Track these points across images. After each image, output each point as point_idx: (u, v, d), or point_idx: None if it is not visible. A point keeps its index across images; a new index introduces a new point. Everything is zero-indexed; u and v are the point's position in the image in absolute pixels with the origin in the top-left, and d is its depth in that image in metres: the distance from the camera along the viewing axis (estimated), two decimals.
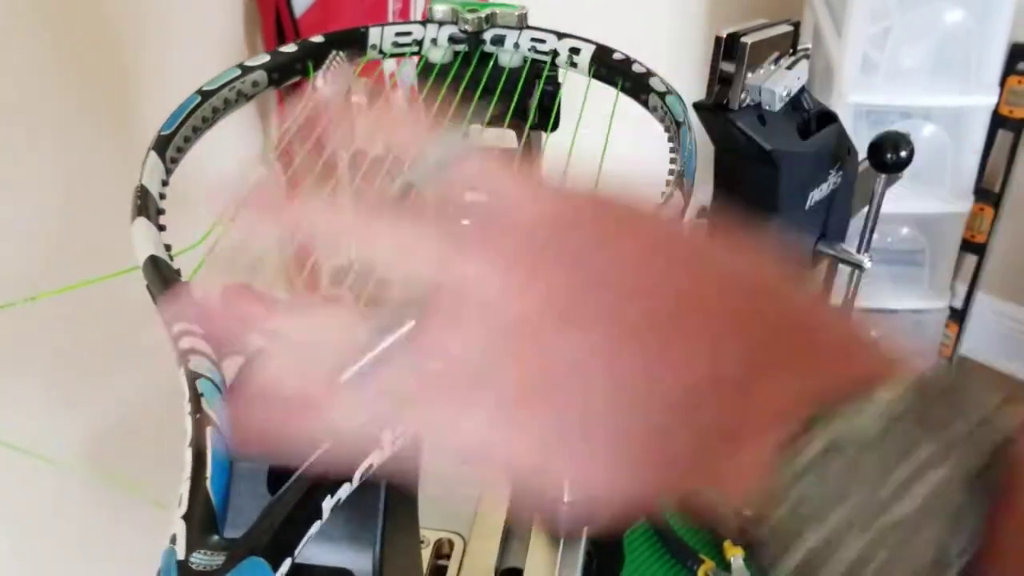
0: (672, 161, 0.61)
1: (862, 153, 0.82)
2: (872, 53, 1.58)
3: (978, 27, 1.54)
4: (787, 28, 0.74)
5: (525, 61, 0.68)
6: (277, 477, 0.38)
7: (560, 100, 0.68)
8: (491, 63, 0.67)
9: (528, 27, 0.69)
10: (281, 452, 0.30)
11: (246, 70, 0.56)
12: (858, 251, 0.82)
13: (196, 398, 0.35)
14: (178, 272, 0.43)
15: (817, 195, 0.77)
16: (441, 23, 0.67)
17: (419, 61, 0.67)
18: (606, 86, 0.68)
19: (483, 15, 0.67)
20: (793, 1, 1.79)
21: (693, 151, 0.61)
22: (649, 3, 1.67)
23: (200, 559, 0.30)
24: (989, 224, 1.87)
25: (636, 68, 0.68)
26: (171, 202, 0.53)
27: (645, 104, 0.67)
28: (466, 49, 0.68)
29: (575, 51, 0.70)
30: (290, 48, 0.59)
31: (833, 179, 0.78)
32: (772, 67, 0.73)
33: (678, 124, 0.64)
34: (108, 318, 1.19)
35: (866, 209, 0.86)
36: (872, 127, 1.59)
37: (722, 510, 0.26)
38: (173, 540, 0.31)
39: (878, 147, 0.80)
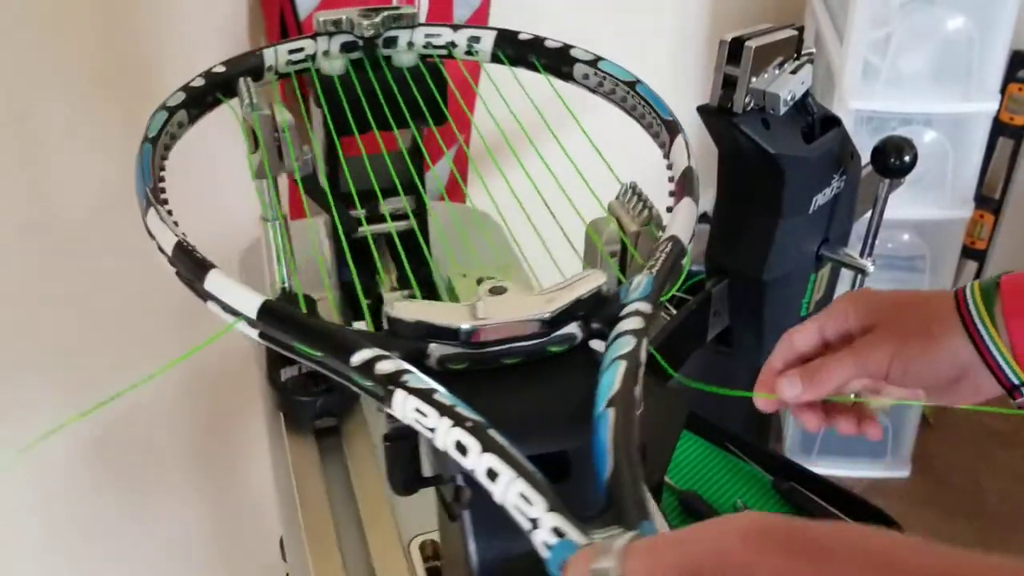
0: (659, 141, 0.60)
1: (865, 158, 0.83)
2: (873, 59, 1.59)
3: (979, 34, 1.55)
4: (791, 32, 0.75)
5: (421, 59, 0.67)
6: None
7: (445, 92, 0.66)
8: (387, 66, 0.66)
9: (421, 24, 0.68)
10: None
11: (171, 111, 0.56)
12: (861, 255, 0.83)
13: None
14: None
15: (820, 199, 0.77)
16: (332, 34, 0.65)
17: (311, 76, 0.65)
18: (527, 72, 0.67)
19: (378, 19, 0.65)
20: (795, 6, 1.79)
21: (659, 101, 0.61)
22: (653, 8, 1.67)
23: (600, 535, 0.33)
24: (989, 231, 1.88)
25: (550, 44, 0.67)
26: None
27: (570, 77, 0.66)
28: (361, 56, 0.66)
29: (475, 39, 0.69)
30: (198, 82, 0.59)
31: (836, 183, 0.78)
32: (776, 71, 0.73)
33: (630, 84, 0.63)
34: (109, 319, 1.19)
35: (869, 214, 0.86)
36: (873, 133, 1.59)
37: None
38: (558, 534, 0.33)
39: (881, 151, 0.80)
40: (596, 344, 0.44)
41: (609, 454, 0.36)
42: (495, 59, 0.68)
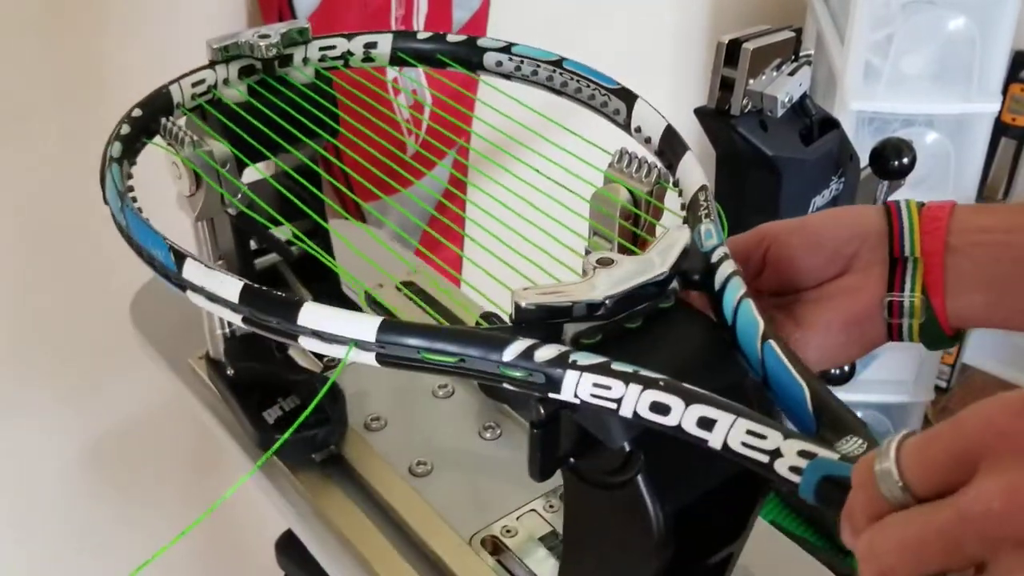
0: (610, 110, 0.60)
1: (864, 160, 0.82)
2: (875, 60, 1.58)
3: (980, 35, 1.54)
4: (789, 34, 0.74)
5: (317, 73, 0.67)
6: None
7: (335, 104, 0.66)
8: (289, 84, 0.65)
9: (314, 38, 0.67)
10: None
11: (119, 161, 0.55)
12: None
13: None
14: None
15: (819, 201, 0.76)
16: (229, 60, 0.64)
17: (214, 106, 0.64)
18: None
19: (275, 39, 0.64)
20: (796, 8, 1.79)
21: (596, 72, 0.61)
22: (652, 10, 1.67)
23: (848, 447, 0.34)
24: None
25: (451, 38, 0.67)
26: None
27: (481, 67, 0.66)
28: (260, 78, 0.65)
29: (371, 45, 0.68)
30: (126, 129, 0.57)
31: (835, 185, 0.78)
32: (774, 73, 0.73)
33: (554, 63, 0.63)
34: (110, 319, 1.19)
35: None
36: (875, 134, 1.58)
37: None
38: (808, 456, 0.34)
39: (880, 153, 0.80)
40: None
41: (799, 378, 0.39)
42: (396, 61, 0.68)
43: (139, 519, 1.29)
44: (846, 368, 1.70)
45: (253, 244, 0.68)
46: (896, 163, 0.79)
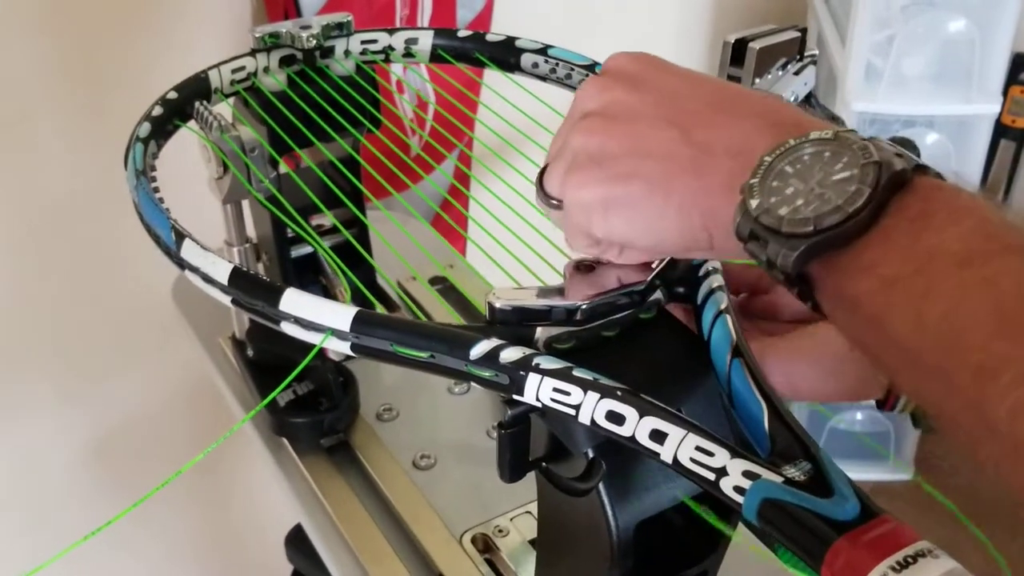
0: None
1: None
2: (876, 61, 1.59)
3: (981, 36, 1.55)
4: (794, 34, 0.75)
5: (358, 66, 0.67)
6: None
7: (377, 96, 0.66)
8: (327, 76, 0.66)
9: (356, 31, 0.67)
10: None
11: (144, 141, 0.56)
12: None
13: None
14: None
15: None
16: (270, 48, 0.65)
17: (251, 93, 0.65)
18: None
19: (317, 30, 0.65)
20: (797, 8, 1.79)
21: None
22: (655, 9, 1.68)
23: (794, 472, 0.34)
24: None
25: (491, 37, 0.67)
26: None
27: (518, 67, 0.66)
28: (300, 68, 0.66)
29: (412, 41, 0.68)
30: (158, 111, 0.58)
31: None
32: (779, 72, 0.73)
33: (587, 67, 0.63)
34: (109, 319, 1.19)
35: None
36: (876, 135, 1.59)
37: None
38: (752, 477, 0.33)
39: None
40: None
41: (758, 397, 0.39)
42: (435, 58, 0.68)
43: (148, 514, 1.29)
44: None
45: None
46: None
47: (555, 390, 0.38)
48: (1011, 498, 0.29)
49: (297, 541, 0.80)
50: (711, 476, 0.34)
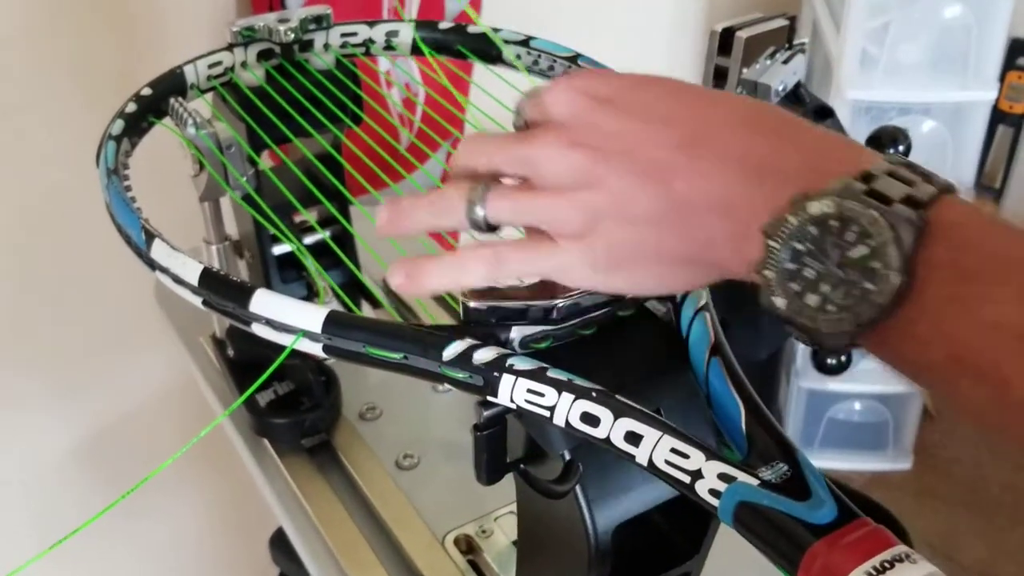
0: None
1: None
2: (871, 48, 1.58)
3: (977, 22, 1.54)
4: (783, 22, 0.74)
5: (338, 60, 0.66)
6: None
7: (358, 90, 0.65)
8: (306, 71, 0.65)
9: (336, 24, 0.66)
10: None
11: (117, 139, 0.55)
12: None
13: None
14: None
15: None
16: (248, 43, 0.64)
17: (228, 88, 0.63)
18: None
19: (294, 23, 0.63)
20: None
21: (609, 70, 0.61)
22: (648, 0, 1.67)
23: (770, 474, 0.34)
24: None
25: (472, 29, 0.66)
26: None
27: (500, 59, 0.65)
28: (278, 63, 0.65)
29: (392, 34, 0.68)
30: (132, 108, 0.57)
31: None
32: (768, 61, 0.72)
33: (570, 58, 0.63)
34: (108, 318, 1.19)
35: None
36: (872, 123, 1.58)
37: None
38: (727, 480, 0.33)
39: (875, 141, 0.80)
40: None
41: (736, 397, 0.38)
42: (416, 51, 0.67)
43: (141, 510, 1.29)
44: (843, 358, 1.70)
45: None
46: (891, 151, 0.78)
47: (529, 391, 0.38)
48: None
49: (281, 543, 0.80)
50: (686, 479, 0.34)
